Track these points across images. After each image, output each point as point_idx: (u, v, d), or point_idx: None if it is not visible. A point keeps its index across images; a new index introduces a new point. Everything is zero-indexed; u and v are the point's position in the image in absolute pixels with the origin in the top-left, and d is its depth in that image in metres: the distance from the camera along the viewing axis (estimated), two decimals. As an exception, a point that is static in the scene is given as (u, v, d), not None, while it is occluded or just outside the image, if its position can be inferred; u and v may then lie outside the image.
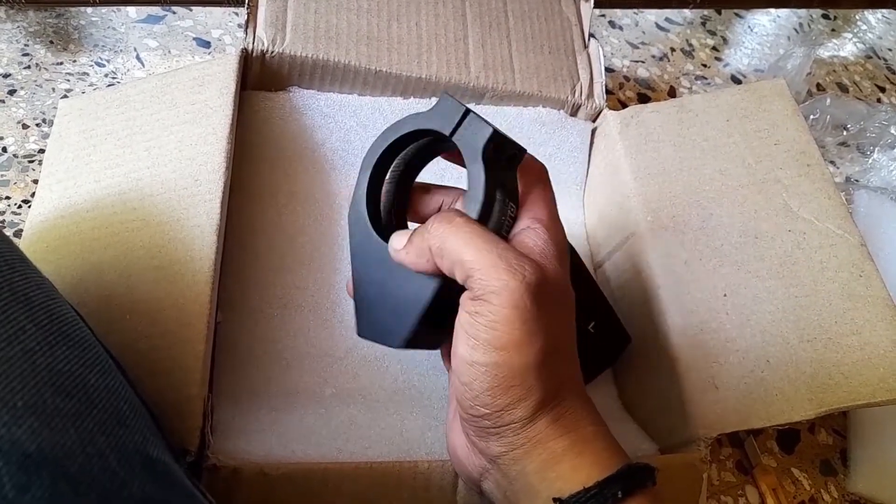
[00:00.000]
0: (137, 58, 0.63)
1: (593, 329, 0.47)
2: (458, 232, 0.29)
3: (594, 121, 0.60)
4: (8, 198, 0.52)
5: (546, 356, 0.29)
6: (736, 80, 0.88)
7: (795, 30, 0.98)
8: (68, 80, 0.59)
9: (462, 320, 0.30)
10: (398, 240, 0.32)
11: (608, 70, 0.82)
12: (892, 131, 0.78)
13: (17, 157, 0.54)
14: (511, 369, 0.28)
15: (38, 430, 0.21)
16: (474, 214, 0.30)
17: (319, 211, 0.49)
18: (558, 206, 0.34)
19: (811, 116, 0.78)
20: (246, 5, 0.49)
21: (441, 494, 0.37)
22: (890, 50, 1.03)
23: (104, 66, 0.61)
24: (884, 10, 1.06)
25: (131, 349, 0.34)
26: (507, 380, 0.29)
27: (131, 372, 0.30)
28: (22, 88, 0.57)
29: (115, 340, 0.31)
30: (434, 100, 0.54)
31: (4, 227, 0.50)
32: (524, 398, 0.29)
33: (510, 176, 0.32)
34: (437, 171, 0.37)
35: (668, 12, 0.92)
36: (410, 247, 0.31)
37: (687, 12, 0.94)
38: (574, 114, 0.59)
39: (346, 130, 0.52)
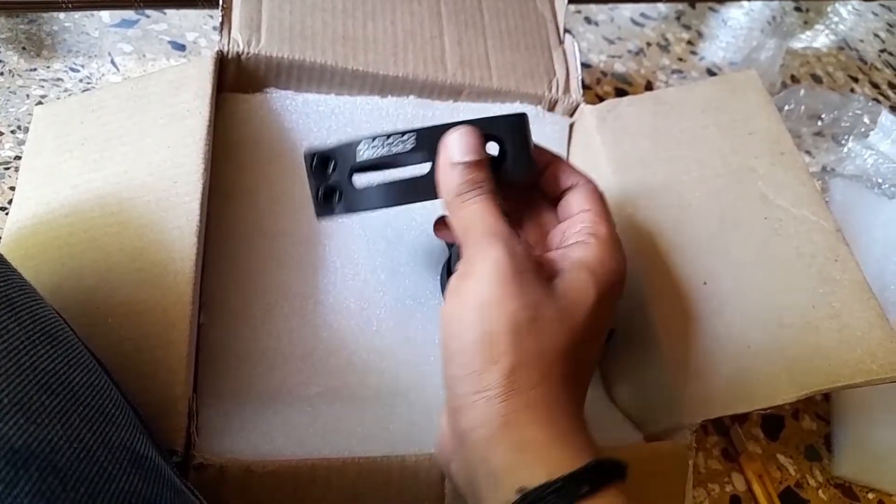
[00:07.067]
0: (112, 62, 0.62)
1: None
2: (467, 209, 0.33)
3: (571, 115, 0.60)
4: (-16, 206, 0.52)
5: (519, 324, 0.29)
6: (711, 73, 0.89)
7: (768, 22, 0.99)
8: (42, 87, 0.58)
9: (452, 279, 0.31)
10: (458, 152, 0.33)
11: (585, 65, 0.82)
12: (866, 120, 0.80)
13: (-7, 164, 0.53)
14: (482, 327, 0.29)
15: (25, 426, 0.22)
16: None
17: (299, 212, 0.49)
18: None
19: (786, 107, 0.79)
20: (220, 7, 0.49)
21: (429, 488, 0.37)
22: (861, 41, 1.04)
23: (79, 71, 0.61)
24: (854, 2, 1.08)
25: (114, 352, 0.34)
26: (479, 337, 0.29)
27: (115, 374, 0.30)
28: (-5, 96, 0.57)
29: (98, 344, 0.31)
30: (412, 97, 0.55)
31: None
32: (495, 361, 0.29)
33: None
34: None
35: (643, 7, 0.93)
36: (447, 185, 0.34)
37: (661, 7, 0.94)
38: (551, 109, 0.59)
39: (324, 130, 0.52)
